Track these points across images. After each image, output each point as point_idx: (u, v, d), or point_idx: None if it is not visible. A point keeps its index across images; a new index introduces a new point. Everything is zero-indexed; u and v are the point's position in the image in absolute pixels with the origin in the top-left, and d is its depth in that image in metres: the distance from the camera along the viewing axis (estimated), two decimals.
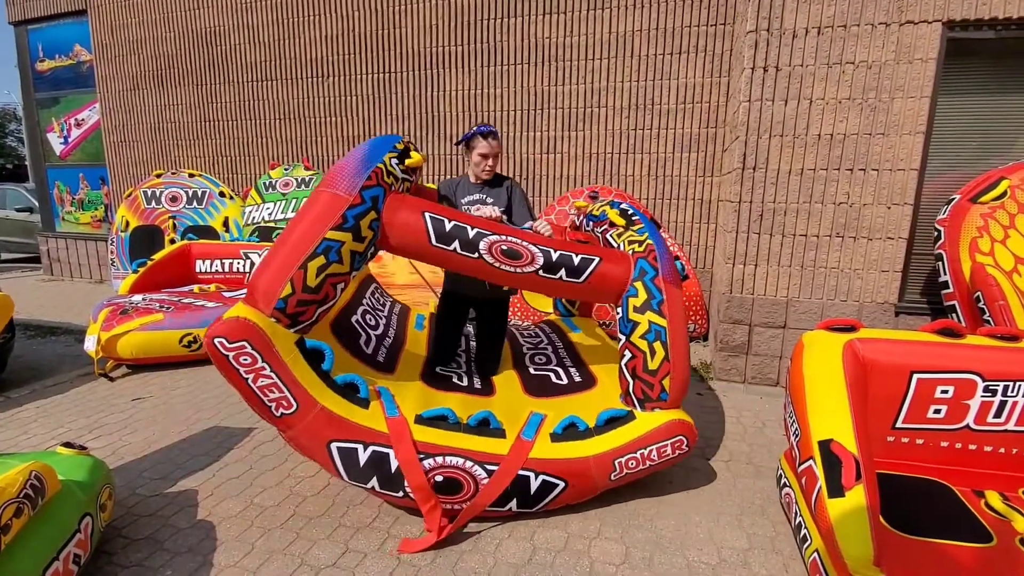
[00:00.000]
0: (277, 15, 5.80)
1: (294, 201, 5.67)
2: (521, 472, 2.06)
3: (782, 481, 2.17)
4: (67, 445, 2.03)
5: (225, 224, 5.83)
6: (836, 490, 1.63)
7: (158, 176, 5.96)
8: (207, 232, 5.76)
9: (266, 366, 1.88)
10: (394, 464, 1.98)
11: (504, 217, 2.69)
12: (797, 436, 1.93)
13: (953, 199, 2.93)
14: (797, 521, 1.92)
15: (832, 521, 1.58)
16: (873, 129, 3.17)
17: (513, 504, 2.09)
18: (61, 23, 6.99)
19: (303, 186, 5.73)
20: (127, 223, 5.82)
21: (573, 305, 3.85)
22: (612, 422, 2.26)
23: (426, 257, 2.31)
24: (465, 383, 2.64)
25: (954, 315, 2.82)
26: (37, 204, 8.12)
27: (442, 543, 2.01)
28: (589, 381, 2.72)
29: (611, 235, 2.73)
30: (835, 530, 1.57)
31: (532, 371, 2.86)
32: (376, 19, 5.43)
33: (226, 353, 1.85)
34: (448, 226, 2.20)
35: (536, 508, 2.14)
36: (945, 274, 2.84)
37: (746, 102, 3.32)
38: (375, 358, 2.53)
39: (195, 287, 4.86)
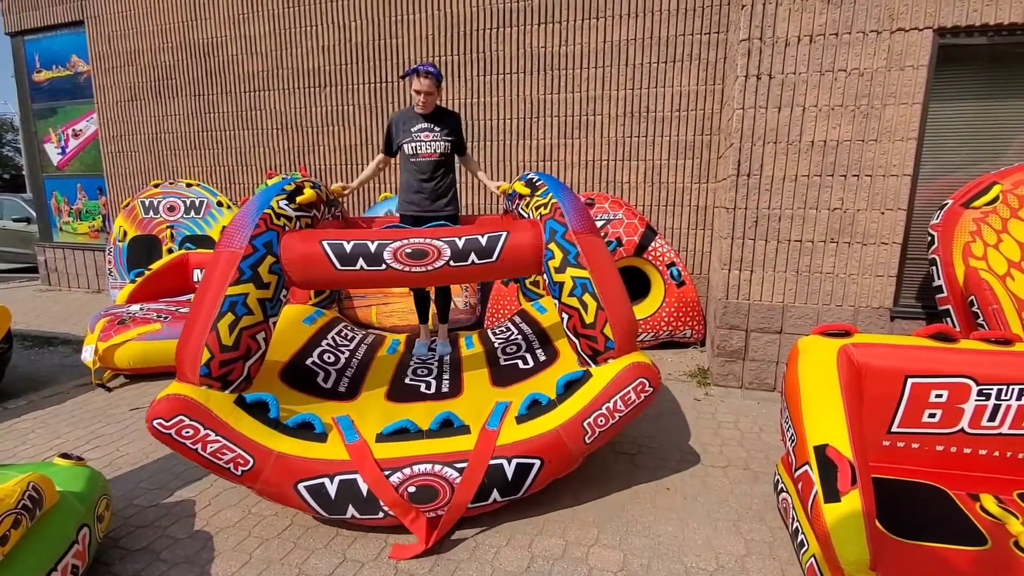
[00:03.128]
0: (274, 26, 5.84)
1: None
2: (493, 462, 2.05)
3: (779, 486, 2.18)
4: (64, 456, 2.03)
5: (223, 234, 5.83)
6: (832, 495, 1.64)
7: (156, 186, 5.97)
8: (205, 242, 5.76)
9: (210, 432, 1.94)
10: (364, 488, 1.99)
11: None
12: (793, 441, 1.94)
13: (946, 204, 2.96)
14: (794, 526, 1.92)
15: (828, 526, 1.59)
16: (866, 136, 3.20)
17: (496, 495, 2.08)
18: (58, 34, 7.02)
19: None
20: (125, 233, 5.83)
21: (537, 285, 3.84)
22: (571, 386, 2.24)
23: (336, 283, 2.37)
24: (432, 390, 2.67)
25: (948, 319, 2.84)
26: (34, 214, 8.12)
27: (439, 550, 2.01)
28: (553, 357, 2.72)
29: (521, 207, 2.73)
30: (831, 535, 1.57)
31: (503, 363, 2.88)
32: (372, 29, 5.47)
33: (167, 432, 1.93)
34: (348, 247, 2.24)
35: (521, 493, 2.12)
36: (939, 279, 2.86)
37: (740, 109, 3.35)
38: (336, 390, 2.56)
39: (193, 297, 4.86)
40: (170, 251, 5.63)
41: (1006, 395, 1.96)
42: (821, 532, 1.62)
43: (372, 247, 2.25)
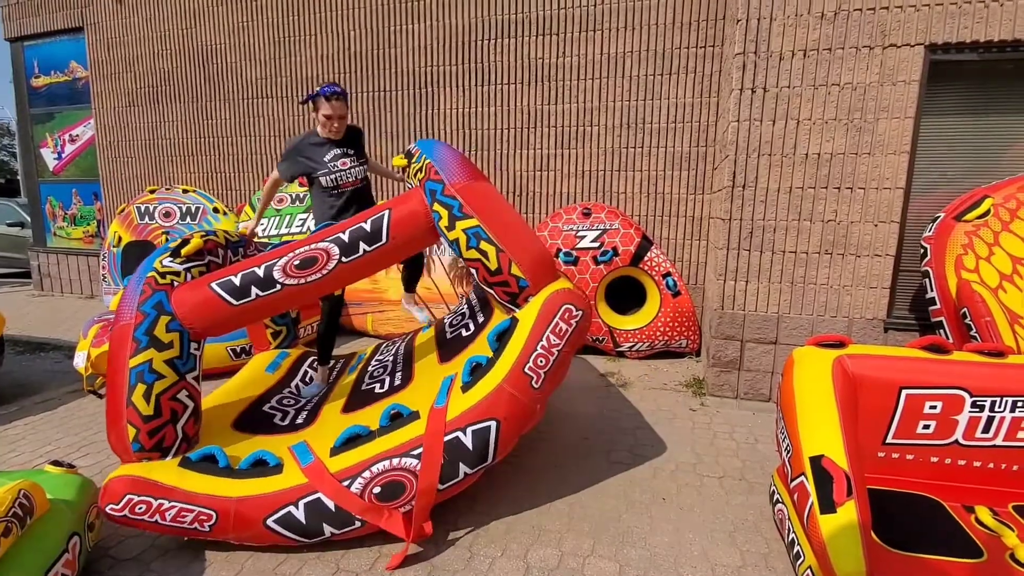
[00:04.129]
0: (273, 34, 5.87)
1: (288, 217, 5.69)
2: (448, 437, 2.02)
3: (775, 497, 2.18)
4: (55, 463, 2.01)
5: None
6: (828, 506, 1.64)
7: (152, 192, 5.97)
8: None
9: (163, 501, 1.95)
10: (331, 503, 1.98)
11: None
12: (788, 452, 1.94)
13: (938, 217, 3.00)
14: (790, 538, 1.92)
15: (824, 537, 1.59)
16: (859, 149, 3.24)
17: (465, 468, 2.04)
18: (57, 40, 7.03)
19: (298, 202, 5.75)
20: (120, 238, 5.81)
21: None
22: (502, 337, 2.19)
23: (241, 319, 2.30)
24: (384, 389, 2.61)
25: (941, 331, 2.86)
26: (29, 219, 8.08)
27: (434, 558, 2.00)
28: (490, 316, 2.67)
29: (407, 180, 2.70)
30: (827, 546, 1.57)
31: (448, 336, 2.83)
32: (371, 39, 5.50)
33: (121, 513, 1.93)
34: (238, 280, 2.21)
35: (492, 458, 2.07)
36: (932, 291, 2.89)
37: (735, 122, 3.39)
38: (294, 423, 2.54)
39: None
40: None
41: (1000, 407, 1.97)
42: (817, 543, 1.62)
43: (260, 272, 2.21)
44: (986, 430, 1.99)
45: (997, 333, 2.55)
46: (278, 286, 2.20)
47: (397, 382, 2.65)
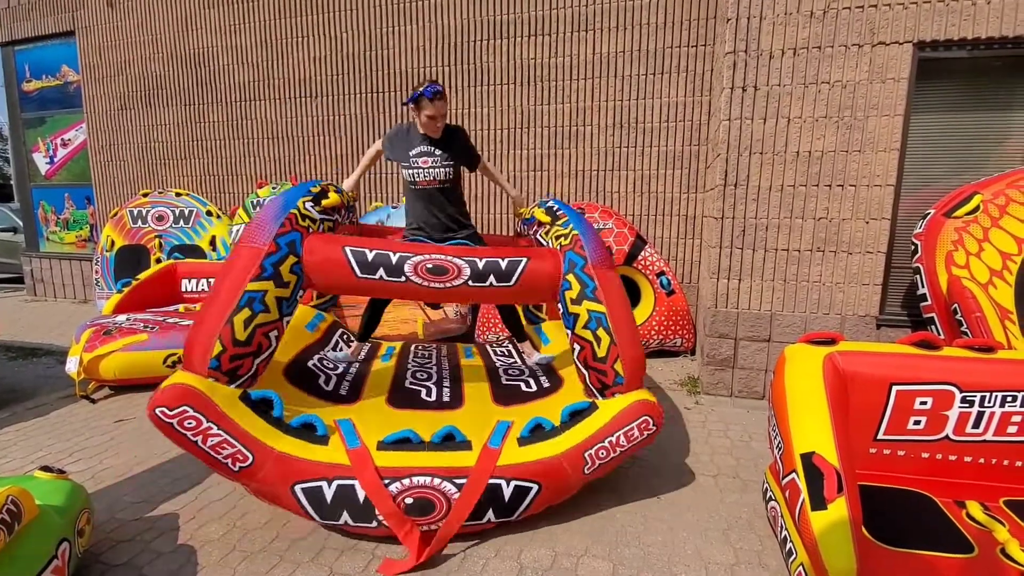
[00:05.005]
0: (265, 36, 5.86)
1: None
2: (491, 481, 2.04)
3: (768, 495, 2.18)
4: (45, 469, 2.00)
5: (212, 243, 5.80)
6: (819, 503, 1.65)
7: (145, 195, 5.94)
8: (194, 251, 5.73)
9: (212, 425, 1.92)
10: (361, 494, 1.97)
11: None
12: (780, 449, 1.95)
13: (928, 214, 3.01)
14: (783, 535, 1.92)
15: (815, 534, 1.59)
16: (849, 146, 3.25)
17: (491, 515, 2.07)
18: (48, 44, 7.00)
19: None
20: (112, 242, 5.78)
21: (540, 309, 3.85)
22: (576, 416, 2.25)
23: (355, 290, 2.36)
24: (433, 397, 2.64)
25: (933, 327, 2.87)
26: (21, 224, 8.04)
27: (427, 564, 1.99)
28: (557, 384, 2.73)
29: (540, 234, 2.76)
30: (818, 543, 1.58)
31: (504, 381, 2.86)
32: (364, 40, 5.50)
33: (169, 421, 1.89)
34: (370, 256, 2.25)
35: (516, 516, 2.12)
36: (923, 287, 2.90)
37: (726, 120, 3.40)
38: (337, 393, 2.55)
39: (181, 307, 4.82)
40: (158, 261, 5.59)
41: (989, 402, 1.98)
42: (808, 540, 1.62)
43: (393, 259, 2.25)
44: (976, 425, 2.00)
45: (987, 328, 2.56)
46: (403, 278, 2.25)
47: (446, 398, 2.66)
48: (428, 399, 2.62)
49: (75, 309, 6.77)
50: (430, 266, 2.25)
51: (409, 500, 1.99)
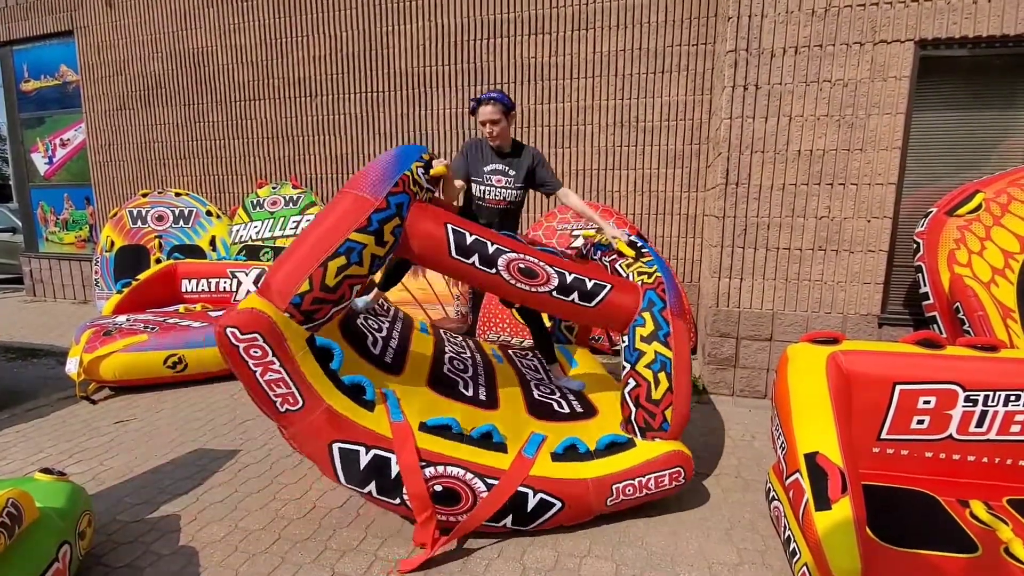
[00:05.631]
0: (265, 36, 5.85)
1: (281, 220, 5.66)
2: (520, 488, 2.05)
3: (771, 494, 2.18)
4: (45, 471, 1.99)
5: (212, 243, 5.80)
6: (823, 503, 1.64)
7: (144, 196, 5.93)
8: (194, 251, 5.72)
9: (276, 360, 1.87)
10: (395, 470, 1.97)
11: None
12: (784, 449, 1.94)
13: (930, 212, 3.00)
14: (786, 535, 1.92)
15: (819, 534, 1.59)
16: (851, 145, 3.24)
17: (508, 520, 2.08)
18: (47, 44, 6.98)
19: (291, 204, 5.73)
20: (112, 243, 5.77)
21: (571, 332, 3.86)
22: (612, 447, 2.26)
23: (443, 268, 2.35)
24: (470, 393, 2.63)
25: (935, 326, 2.86)
26: (20, 224, 8.03)
27: (432, 561, 1.98)
28: (590, 411, 2.72)
29: (620, 265, 2.79)
30: (822, 543, 1.57)
31: (536, 396, 2.85)
32: (364, 39, 5.49)
33: (237, 344, 1.84)
34: (469, 240, 2.25)
35: (530, 527, 2.12)
36: (925, 286, 2.89)
37: (727, 119, 3.39)
38: (383, 359, 2.52)
39: (181, 307, 4.81)
40: (158, 261, 5.58)
41: (993, 401, 1.98)
42: (812, 540, 1.62)
43: (490, 249, 2.25)
44: (980, 424, 2.00)
45: (990, 327, 2.56)
46: (494, 270, 2.25)
47: (482, 396, 2.65)
48: (466, 392, 2.61)
49: (75, 310, 6.76)
50: (522, 266, 2.26)
51: (438, 487, 1.99)
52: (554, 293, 2.30)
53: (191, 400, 3.64)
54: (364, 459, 1.97)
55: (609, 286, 2.38)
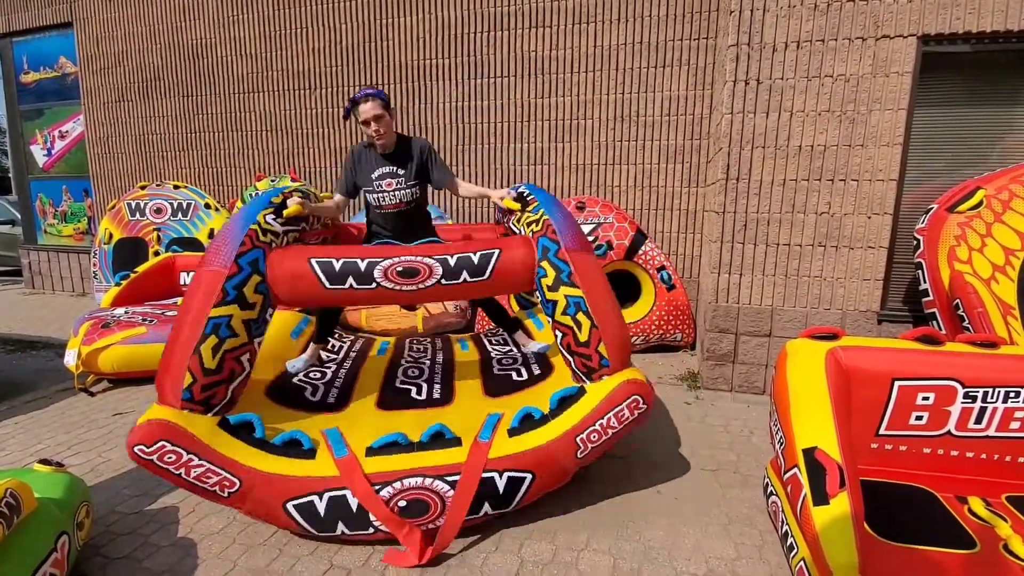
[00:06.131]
0: (265, 28, 5.82)
1: None
2: (485, 474, 2.03)
3: (769, 490, 2.18)
4: (44, 462, 1.99)
5: (211, 236, 5.78)
6: (821, 498, 1.64)
7: (143, 188, 5.91)
8: (192, 244, 5.70)
9: (193, 456, 1.90)
10: (354, 503, 1.96)
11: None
12: (782, 444, 1.94)
13: (931, 209, 2.99)
14: (784, 529, 1.92)
15: (817, 529, 1.59)
16: (852, 141, 3.23)
17: (487, 507, 2.07)
18: (47, 36, 6.95)
19: None
20: (110, 235, 5.75)
21: (532, 294, 3.82)
22: (565, 402, 2.23)
23: (324, 301, 2.32)
24: (423, 395, 2.63)
25: (934, 322, 2.86)
26: (19, 216, 8.01)
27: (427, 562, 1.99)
28: (548, 371, 2.71)
29: (512, 223, 2.71)
30: (820, 538, 1.57)
31: (496, 372, 2.85)
32: (363, 32, 5.46)
33: (148, 458, 1.88)
34: (338, 265, 2.19)
35: (512, 506, 2.11)
36: (925, 282, 2.89)
37: (728, 114, 3.38)
38: (324, 402, 2.52)
39: (179, 300, 4.80)
40: (156, 254, 5.57)
41: (992, 398, 1.98)
42: (810, 535, 1.62)
43: (362, 265, 2.20)
44: (979, 421, 2.00)
45: (990, 324, 2.55)
46: (374, 284, 2.20)
47: (436, 395, 2.64)
48: (418, 397, 2.60)
49: (73, 302, 6.75)
50: (400, 269, 2.20)
51: (403, 503, 1.98)
52: (443, 281, 2.23)
53: None
54: (321, 506, 1.96)
55: (496, 251, 2.28)
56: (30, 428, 3.10)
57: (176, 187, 5.91)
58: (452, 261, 2.25)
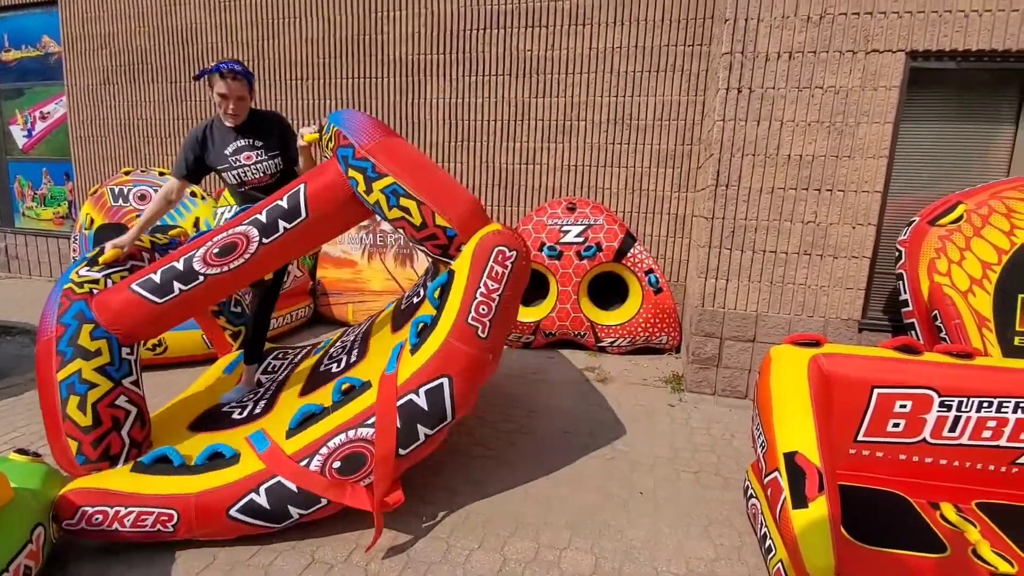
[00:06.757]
0: (257, 15, 5.73)
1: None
2: (402, 401, 1.99)
3: (749, 492, 2.22)
4: (20, 451, 1.95)
5: (196, 225, 5.68)
6: (800, 501, 1.68)
7: (127, 174, 5.79)
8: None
9: (119, 508, 1.90)
10: (291, 485, 1.95)
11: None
12: (763, 448, 1.98)
13: (913, 221, 3.06)
14: (763, 532, 1.96)
15: (796, 531, 1.62)
16: (840, 152, 3.29)
17: (425, 429, 2.01)
18: (29, 13, 6.77)
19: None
20: (92, 220, 5.63)
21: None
22: (442, 292, 2.16)
23: (167, 318, 2.26)
24: (341, 366, 2.56)
25: (913, 332, 2.93)
26: None
27: (413, 552, 1.99)
28: (450, 282, 2.63)
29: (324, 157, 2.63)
30: (798, 540, 1.60)
31: (402, 308, 2.80)
32: (358, 24, 5.41)
33: (78, 527, 1.89)
34: (157, 278, 2.17)
35: (452, 415, 2.05)
36: (905, 293, 2.95)
37: (720, 121, 3.41)
38: (252, 415, 2.49)
39: None
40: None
41: (966, 407, 2.03)
42: (789, 537, 1.65)
43: (180, 265, 2.16)
44: (952, 429, 2.05)
45: (966, 335, 2.62)
46: (201, 278, 2.15)
47: (353, 359, 2.58)
48: (337, 370, 2.54)
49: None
50: (217, 250, 2.14)
51: (337, 464, 1.97)
52: (264, 240, 2.15)
53: (168, 382, 3.58)
54: (262, 499, 1.95)
55: (301, 185, 2.21)
56: (5, 415, 3.03)
57: (161, 174, 5.80)
58: (264, 217, 2.17)
